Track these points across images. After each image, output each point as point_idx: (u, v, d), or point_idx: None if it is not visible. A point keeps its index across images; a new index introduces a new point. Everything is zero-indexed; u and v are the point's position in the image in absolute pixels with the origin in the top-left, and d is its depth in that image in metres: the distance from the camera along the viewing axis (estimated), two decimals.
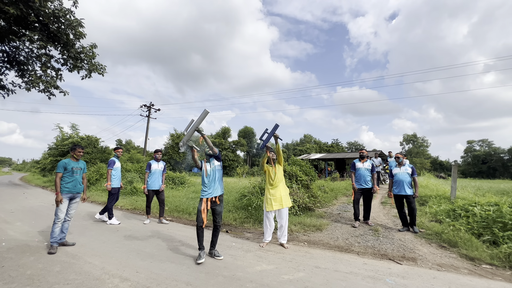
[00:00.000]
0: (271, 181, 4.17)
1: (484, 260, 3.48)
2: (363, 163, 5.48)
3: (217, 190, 3.57)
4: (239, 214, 6.00)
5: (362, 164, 5.47)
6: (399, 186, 5.08)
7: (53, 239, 3.72)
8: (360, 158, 5.57)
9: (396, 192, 5.13)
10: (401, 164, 5.23)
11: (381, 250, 3.92)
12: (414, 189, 5.04)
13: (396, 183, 5.16)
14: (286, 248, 3.95)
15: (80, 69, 8.43)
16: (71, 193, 3.96)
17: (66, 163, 3.98)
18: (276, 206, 4.05)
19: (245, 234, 4.85)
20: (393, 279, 2.92)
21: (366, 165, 5.46)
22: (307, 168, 9.28)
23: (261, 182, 7.56)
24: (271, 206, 4.06)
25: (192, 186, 11.64)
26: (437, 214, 5.55)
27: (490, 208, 4.58)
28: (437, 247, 4.08)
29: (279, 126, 4.06)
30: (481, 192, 7.69)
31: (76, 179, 4.05)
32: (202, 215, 3.39)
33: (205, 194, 3.51)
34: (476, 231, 4.24)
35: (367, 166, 5.45)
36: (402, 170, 5.17)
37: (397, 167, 5.27)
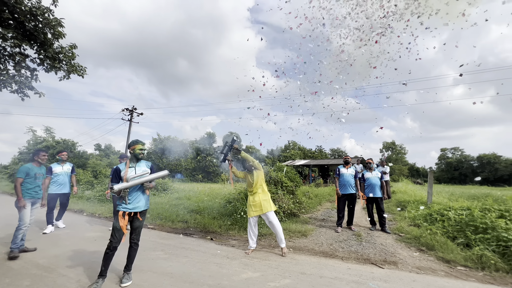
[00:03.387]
0: (250, 187, 4.21)
1: (458, 262, 3.66)
2: (347, 169, 5.64)
3: (140, 203, 2.93)
4: (224, 221, 5.91)
5: (347, 170, 5.62)
6: (372, 189, 5.50)
7: (15, 245, 3.62)
8: (344, 164, 5.72)
9: (369, 194, 5.53)
10: (372, 169, 5.69)
11: (364, 254, 4.01)
12: (382, 191, 5.51)
13: (369, 187, 5.56)
14: (284, 255, 3.88)
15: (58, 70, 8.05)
16: (33, 198, 3.92)
17: (29, 169, 3.91)
18: (256, 212, 4.04)
19: (230, 242, 4.77)
20: (376, 283, 2.99)
21: (350, 171, 5.62)
22: (292, 174, 9.37)
23: (246, 188, 7.51)
24: (252, 212, 4.08)
25: (176, 193, 11.34)
26: (415, 219, 5.79)
27: (463, 213, 4.85)
28: (416, 250, 4.25)
29: (236, 139, 4.24)
30: (454, 197, 8.14)
31: (38, 185, 4.01)
32: (123, 231, 2.80)
33: (124, 207, 2.85)
34: (451, 234, 4.46)
35: (351, 172, 5.61)
36: (373, 174, 5.60)
37: (368, 172, 5.67)
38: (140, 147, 3.00)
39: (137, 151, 2.98)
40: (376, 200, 5.48)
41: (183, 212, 7.12)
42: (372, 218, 5.57)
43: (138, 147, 3.00)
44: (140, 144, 3.02)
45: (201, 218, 6.25)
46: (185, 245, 4.46)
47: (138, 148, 2.99)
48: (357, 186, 5.62)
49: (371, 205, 5.60)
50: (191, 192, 11.90)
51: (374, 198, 5.51)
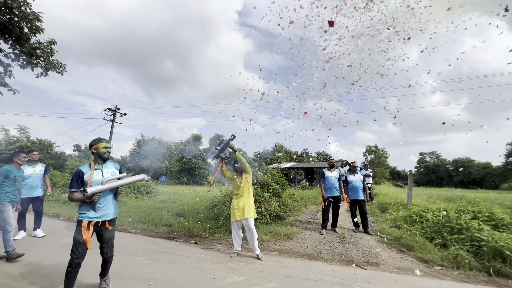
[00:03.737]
0: (236, 190, 4.11)
1: (436, 262, 3.81)
2: (332, 172, 5.74)
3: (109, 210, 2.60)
4: (209, 224, 5.82)
5: (331, 173, 5.72)
6: (356, 192, 5.64)
7: (10, 247, 3.56)
8: (329, 167, 5.82)
9: (352, 197, 5.65)
10: (355, 172, 5.85)
11: (348, 256, 4.08)
12: (365, 193, 5.70)
13: (353, 190, 5.69)
14: (261, 259, 3.85)
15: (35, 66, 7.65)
16: (13, 202, 3.78)
17: (8, 171, 3.74)
18: (239, 216, 3.95)
19: (215, 245, 4.70)
20: (359, 284, 3.04)
21: (334, 173, 5.73)
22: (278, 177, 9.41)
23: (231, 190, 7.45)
24: (235, 216, 3.99)
25: (159, 196, 11.04)
26: (396, 220, 5.98)
27: (440, 214, 5.08)
28: (397, 251, 4.38)
29: (235, 137, 4.11)
30: (432, 200, 8.51)
31: (17, 188, 3.85)
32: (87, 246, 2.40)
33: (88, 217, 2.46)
34: (429, 235, 4.65)
35: (335, 175, 5.72)
36: (356, 177, 5.76)
37: (351, 175, 5.81)
38: (105, 145, 2.60)
39: (101, 150, 2.58)
40: (359, 202, 5.60)
41: (167, 215, 6.94)
42: (356, 221, 5.68)
43: (102, 145, 2.59)
44: (104, 142, 2.61)
45: (186, 222, 6.12)
46: (169, 249, 4.34)
47: (102, 147, 2.59)
48: (341, 189, 5.73)
49: (354, 207, 5.72)
50: (175, 195, 11.64)
51: (357, 200, 5.63)
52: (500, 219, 4.65)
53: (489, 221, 4.65)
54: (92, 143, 2.61)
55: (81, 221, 2.43)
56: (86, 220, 2.44)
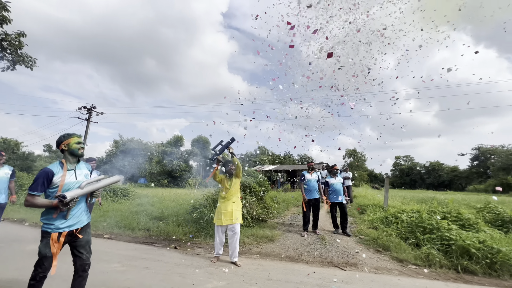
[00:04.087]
0: (223, 193, 3.97)
1: (410, 261, 3.99)
2: (312, 174, 5.82)
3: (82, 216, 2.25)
4: (190, 228, 5.67)
5: (311, 176, 5.81)
6: (336, 195, 5.74)
7: None
8: (309, 169, 5.91)
9: (333, 200, 5.75)
10: (336, 175, 5.97)
11: (328, 257, 4.15)
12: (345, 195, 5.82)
13: (334, 192, 5.79)
14: (238, 266, 3.71)
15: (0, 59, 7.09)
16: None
17: None
18: (226, 221, 3.81)
19: (195, 250, 4.58)
20: (338, 285, 3.10)
21: (314, 176, 5.82)
22: (261, 179, 9.42)
23: (214, 193, 7.34)
24: (221, 220, 3.82)
25: (137, 199, 10.61)
26: (373, 221, 6.19)
27: (413, 215, 5.33)
28: (374, 251, 4.53)
29: (235, 140, 4.04)
30: (406, 201, 8.93)
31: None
32: (53, 261, 2.06)
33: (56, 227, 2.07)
34: (403, 235, 4.86)
35: (315, 177, 5.81)
36: (337, 180, 5.87)
37: (332, 178, 5.92)
38: (77, 140, 2.22)
39: (73, 146, 2.18)
40: (340, 204, 5.72)
41: (145, 219, 6.67)
42: (335, 222, 5.80)
43: (74, 140, 2.20)
44: (75, 137, 2.23)
45: (165, 226, 5.92)
46: (146, 255, 4.16)
47: (74, 142, 2.19)
48: (321, 191, 5.83)
49: (335, 209, 5.83)
50: (155, 198, 11.25)
51: (338, 202, 5.75)
52: (467, 219, 4.97)
53: (457, 221, 4.96)
54: (61, 139, 2.20)
55: (48, 233, 2.03)
56: (56, 231, 2.04)
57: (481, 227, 4.77)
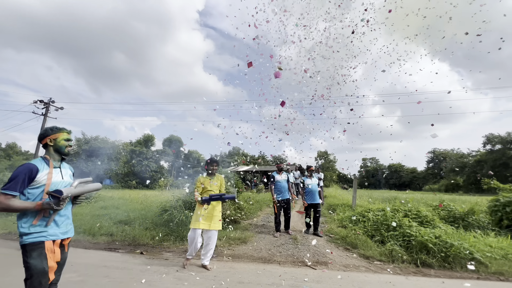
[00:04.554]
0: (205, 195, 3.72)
1: (375, 258, 4.18)
2: (281, 175, 5.85)
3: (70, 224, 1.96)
4: (158, 231, 5.36)
5: (281, 176, 5.82)
6: (313, 196, 5.72)
7: None
8: (278, 170, 5.92)
9: (310, 201, 5.71)
10: (312, 176, 5.95)
11: (299, 257, 4.19)
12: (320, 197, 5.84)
13: (310, 193, 5.75)
14: (209, 270, 3.57)
15: None
16: None
17: None
18: (204, 225, 3.60)
19: (163, 254, 4.33)
20: (309, 284, 3.13)
21: (284, 176, 5.84)
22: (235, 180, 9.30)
23: (185, 195, 7.07)
24: (198, 223, 3.57)
25: (101, 201, 9.84)
26: (343, 220, 6.43)
27: (379, 213, 5.63)
28: (343, 249, 4.68)
29: (235, 199, 4.06)
30: (372, 200, 9.46)
31: None
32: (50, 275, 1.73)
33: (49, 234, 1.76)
34: (370, 233, 5.10)
35: (285, 177, 5.83)
36: (313, 181, 5.86)
37: (308, 179, 5.90)
38: (66, 137, 1.94)
39: (61, 143, 1.90)
40: (315, 205, 5.67)
41: (108, 223, 6.18)
42: (308, 222, 5.78)
43: (63, 136, 1.92)
44: (65, 132, 1.94)
45: (131, 230, 5.54)
46: (108, 262, 3.83)
47: (62, 138, 1.91)
48: (290, 191, 5.85)
49: (309, 210, 5.77)
50: (121, 200, 10.54)
51: (314, 204, 5.65)
52: (425, 216, 5.38)
53: (417, 218, 5.35)
54: (48, 132, 1.89)
55: (41, 242, 1.70)
56: (50, 239, 1.74)
57: (437, 223, 5.20)
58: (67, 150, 1.95)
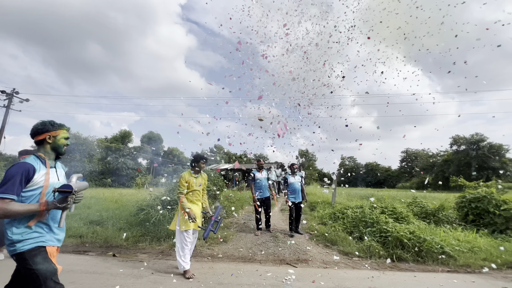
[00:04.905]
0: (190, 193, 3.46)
1: (354, 254, 4.26)
2: (262, 172, 5.78)
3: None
4: (133, 231, 5.08)
5: (261, 174, 5.74)
6: (295, 194, 5.53)
7: None
8: (258, 168, 5.83)
9: (292, 199, 5.46)
10: (295, 173, 5.76)
11: (280, 255, 4.16)
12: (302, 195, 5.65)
13: (293, 192, 5.55)
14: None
15: None
16: None
17: None
18: (194, 225, 3.32)
19: (138, 256, 4.10)
20: (290, 283, 3.09)
21: (264, 174, 5.76)
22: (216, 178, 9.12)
23: (164, 193, 6.80)
24: (188, 224, 3.27)
25: None
26: (323, 218, 6.53)
27: (357, 210, 5.77)
28: (323, 246, 4.73)
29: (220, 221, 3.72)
30: (350, 198, 9.74)
31: None
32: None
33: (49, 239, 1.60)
34: (349, 229, 5.21)
35: (265, 175, 5.76)
36: (296, 179, 5.66)
37: (291, 177, 5.69)
38: (66, 135, 1.79)
39: (60, 142, 1.73)
40: (297, 204, 5.50)
41: (78, 224, 5.76)
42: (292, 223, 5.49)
43: (63, 134, 1.75)
44: (66, 130, 1.78)
45: (103, 230, 5.20)
46: (75, 266, 3.54)
47: (62, 136, 1.75)
48: (270, 188, 5.78)
49: (293, 209, 5.46)
50: (93, 199, 9.93)
51: (297, 202, 5.48)
52: (400, 212, 5.60)
53: (393, 215, 5.54)
54: (48, 127, 1.69)
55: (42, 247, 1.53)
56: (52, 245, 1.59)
57: (411, 219, 5.42)
58: (64, 150, 1.78)
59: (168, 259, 3.93)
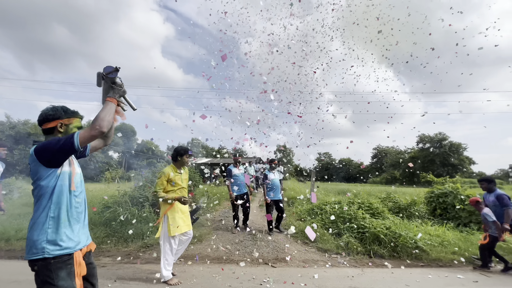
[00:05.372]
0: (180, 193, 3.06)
1: (333, 251, 4.21)
2: (239, 168, 5.48)
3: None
4: (97, 232, 4.59)
5: (238, 170, 5.43)
6: (276, 191, 5.28)
7: None
8: (235, 163, 5.51)
9: (272, 197, 5.20)
10: (275, 169, 5.49)
11: (259, 255, 3.97)
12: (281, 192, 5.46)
13: (273, 189, 5.29)
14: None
15: None
16: None
17: None
18: (185, 227, 3.01)
19: (101, 260, 3.67)
20: (269, 286, 2.91)
21: (241, 170, 5.48)
22: (191, 172, 8.71)
23: (134, 189, 6.29)
24: (180, 227, 2.91)
25: (26, 197, 8.23)
26: (301, 214, 6.47)
27: (335, 206, 5.77)
28: (302, 243, 4.63)
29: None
30: (327, 193, 9.88)
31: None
32: None
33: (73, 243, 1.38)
34: (327, 226, 5.17)
35: (242, 171, 5.49)
36: (276, 175, 5.43)
37: (271, 173, 5.40)
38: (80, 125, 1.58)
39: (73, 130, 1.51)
40: (277, 201, 5.24)
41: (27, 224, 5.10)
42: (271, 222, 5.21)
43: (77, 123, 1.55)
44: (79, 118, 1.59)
45: None
46: (21, 276, 3.05)
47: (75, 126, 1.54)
48: (248, 184, 5.51)
49: (272, 208, 5.22)
50: None
51: (276, 200, 5.21)
52: (376, 208, 5.69)
53: (369, 210, 5.61)
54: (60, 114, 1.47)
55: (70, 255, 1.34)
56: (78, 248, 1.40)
57: (386, 214, 5.54)
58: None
59: (135, 263, 3.56)
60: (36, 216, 1.32)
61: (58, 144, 1.28)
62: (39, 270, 1.27)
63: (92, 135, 1.31)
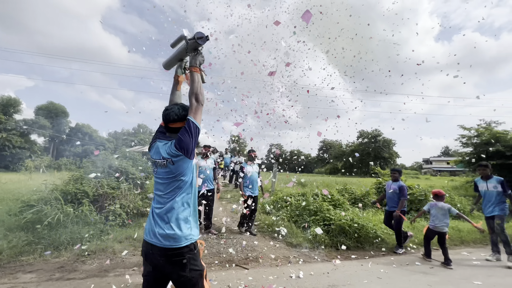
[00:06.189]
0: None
1: (302, 245, 4.12)
2: (207, 161, 4.84)
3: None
4: (12, 239, 3.52)
5: (206, 162, 4.81)
6: (253, 187, 4.74)
7: None
8: (203, 156, 4.82)
9: (249, 192, 4.69)
10: (253, 163, 4.93)
11: (227, 256, 3.59)
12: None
13: (251, 184, 4.74)
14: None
15: None
16: None
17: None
18: None
19: (19, 277, 2.78)
20: None
21: (209, 163, 4.81)
22: (142, 162, 7.67)
23: (68, 181, 5.16)
24: None
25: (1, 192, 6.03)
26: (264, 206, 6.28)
27: (300, 198, 5.75)
28: (270, 239, 4.44)
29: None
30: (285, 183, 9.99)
31: None
32: None
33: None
34: (293, 219, 5.10)
35: (210, 164, 4.81)
36: (254, 169, 4.87)
37: (248, 166, 4.87)
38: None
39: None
40: (254, 198, 4.71)
41: None
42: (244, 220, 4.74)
43: None
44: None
45: None
46: None
47: None
48: (215, 177, 4.96)
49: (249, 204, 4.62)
50: None
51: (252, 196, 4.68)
52: (337, 199, 5.88)
53: (331, 202, 5.76)
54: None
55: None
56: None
57: (346, 206, 5.76)
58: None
59: (71, 278, 2.79)
60: None
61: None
62: None
63: (201, 113, 1.38)
